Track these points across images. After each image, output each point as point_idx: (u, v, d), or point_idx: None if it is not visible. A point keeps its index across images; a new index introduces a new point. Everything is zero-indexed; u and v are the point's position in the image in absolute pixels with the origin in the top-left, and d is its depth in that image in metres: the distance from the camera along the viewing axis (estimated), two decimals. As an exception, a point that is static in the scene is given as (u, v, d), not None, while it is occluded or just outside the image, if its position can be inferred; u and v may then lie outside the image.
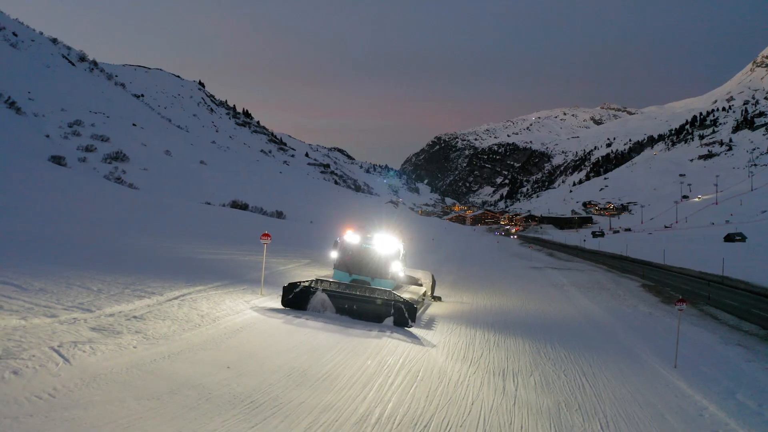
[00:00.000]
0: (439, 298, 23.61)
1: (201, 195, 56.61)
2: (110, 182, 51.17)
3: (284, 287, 16.86)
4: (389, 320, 15.92)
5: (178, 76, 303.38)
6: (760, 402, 12.73)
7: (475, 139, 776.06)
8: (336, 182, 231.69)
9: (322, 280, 17.27)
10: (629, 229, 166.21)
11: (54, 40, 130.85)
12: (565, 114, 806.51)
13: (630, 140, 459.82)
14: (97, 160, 61.93)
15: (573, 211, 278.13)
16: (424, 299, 21.27)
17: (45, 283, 13.95)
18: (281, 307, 16.78)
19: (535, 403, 10.96)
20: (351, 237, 19.56)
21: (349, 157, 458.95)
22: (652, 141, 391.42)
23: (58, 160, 51.42)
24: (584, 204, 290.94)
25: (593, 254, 77.77)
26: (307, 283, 16.92)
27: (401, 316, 15.72)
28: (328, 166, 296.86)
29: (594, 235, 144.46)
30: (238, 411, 8.50)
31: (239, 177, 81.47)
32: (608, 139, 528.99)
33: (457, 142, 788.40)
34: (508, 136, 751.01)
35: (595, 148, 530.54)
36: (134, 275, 17.12)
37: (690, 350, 17.44)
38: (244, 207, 56.08)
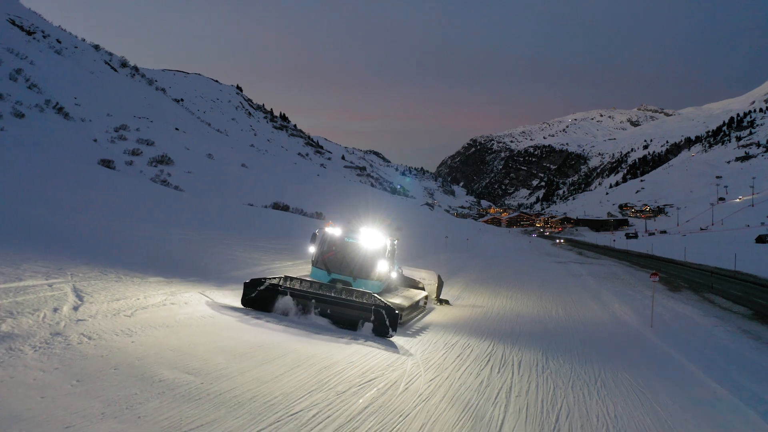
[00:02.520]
0: (446, 302, 21.13)
1: (243, 196, 57.96)
2: (157, 184, 52.61)
3: (245, 284, 14.44)
4: (368, 327, 13.45)
5: (217, 81, 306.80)
6: (705, 346, 17.48)
7: (511, 141, 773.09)
8: (372, 185, 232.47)
9: (291, 278, 14.79)
10: (665, 232, 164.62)
11: (96, 47, 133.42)
12: (601, 115, 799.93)
13: (667, 142, 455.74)
14: (143, 163, 63.51)
15: (609, 213, 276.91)
16: (425, 304, 19.05)
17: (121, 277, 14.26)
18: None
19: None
20: (332, 230, 16.78)
21: (384, 159, 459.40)
22: (689, 142, 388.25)
23: (107, 163, 52.92)
24: (620, 206, 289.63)
25: (620, 253, 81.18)
26: (275, 281, 14.51)
27: (381, 323, 13.21)
28: (364, 168, 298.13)
29: (627, 236, 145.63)
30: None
31: (279, 179, 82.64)
32: (645, 140, 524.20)
33: (493, 144, 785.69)
34: (544, 138, 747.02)
35: (631, 150, 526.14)
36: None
37: (672, 319, 22.26)
38: (285, 208, 57.09)
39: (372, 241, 16.39)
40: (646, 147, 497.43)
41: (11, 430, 5.74)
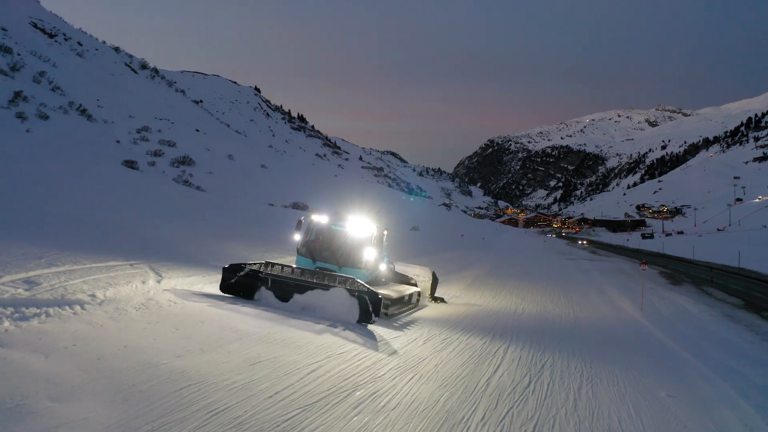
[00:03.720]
0: (441, 300, 20.11)
1: (264, 197, 59.43)
2: (179, 184, 54.15)
3: (224, 268, 14.01)
4: (352, 315, 12.87)
5: (235, 82, 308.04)
6: (687, 326, 19.87)
7: (529, 142, 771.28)
8: (389, 185, 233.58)
9: (273, 264, 14.31)
10: (682, 232, 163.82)
11: (116, 49, 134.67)
12: (619, 116, 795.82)
13: (685, 142, 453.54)
14: (165, 164, 64.58)
15: (626, 214, 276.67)
16: (418, 300, 18.34)
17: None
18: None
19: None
20: (319, 217, 16.37)
21: (402, 160, 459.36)
22: (707, 143, 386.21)
23: (130, 164, 54.24)
24: (638, 207, 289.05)
25: (632, 252, 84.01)
26: (256, 267, 14.04)
27: (364, 309, 12.77)
28: (381, 169, 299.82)
29: (643, 236, 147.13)
30: None
31: (298, 180, 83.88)
32: (663, 141, 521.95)
33: (510, 144, 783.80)
34: (562, 138, 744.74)
35: (649, 150, 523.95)
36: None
37: (664, 306, 24.63)
38: (305, 208, 58.36)
39: (359, 229, 16.03)
40: (664, 147, 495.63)
41: (138, 356, 7.99)
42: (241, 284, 13.78)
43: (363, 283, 13.45)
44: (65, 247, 14.13)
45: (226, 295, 13.76)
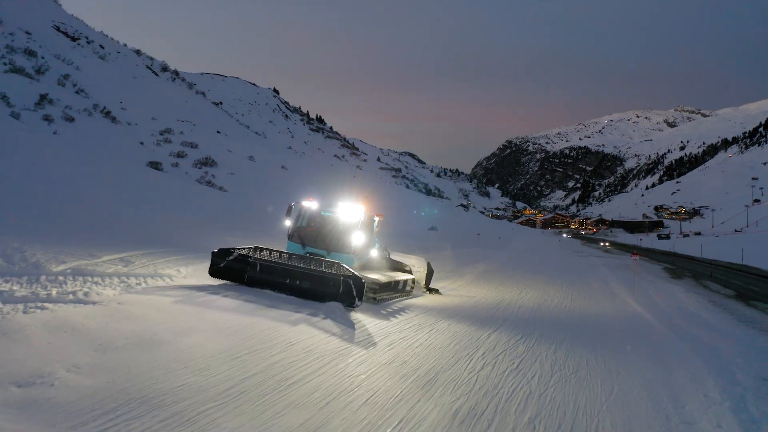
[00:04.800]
0: (436, 291, 19.99)
1: (286, 197, 60.23)
2: (203, 185, 55.13)
3: (213, 253, 14.04)
4: (339, 300, 12.98)
5: (254, 84, 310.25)
6: (670, 308, 22.08)
7: (547, 143, 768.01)
8: (407, 186, 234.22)
9: (261, 249, 14.52)
10: (699, 233, 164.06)
11: (137, 52, 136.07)
12: (637, 116, 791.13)
13: (704, 143, 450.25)
14: (188, 165, 65.47)
15: (644, 215, 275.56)
16: (412, 288, 18.88)
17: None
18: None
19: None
20: (309, 204, 16.70)
21: (419, 161, 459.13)
22: (726, 144, 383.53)
23: (155, 165, 55.30)
24: (656, 208, 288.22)
25: (645, 251, 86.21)
26: (244, 251, 14.17)
27: (348, 293, 12.81)
28: (399, 170, 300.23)
29: (659, 237, 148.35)
30: None
31: (318, 180, 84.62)
32: (682, 141, 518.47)
33: (529, 145, 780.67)
34: (580, 139, 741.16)
35: (668, 151, 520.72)
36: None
37: (656, 293, 26.87)
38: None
39: (348, 214, 16.18)
40: (682, 148, 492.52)
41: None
42: (230, 269, 13.91)
43: (348, 267, 13.59)
44: (136, 240, 16.86)
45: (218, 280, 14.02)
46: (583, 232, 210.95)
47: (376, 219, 18.04)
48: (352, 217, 16.05)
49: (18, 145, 27.29)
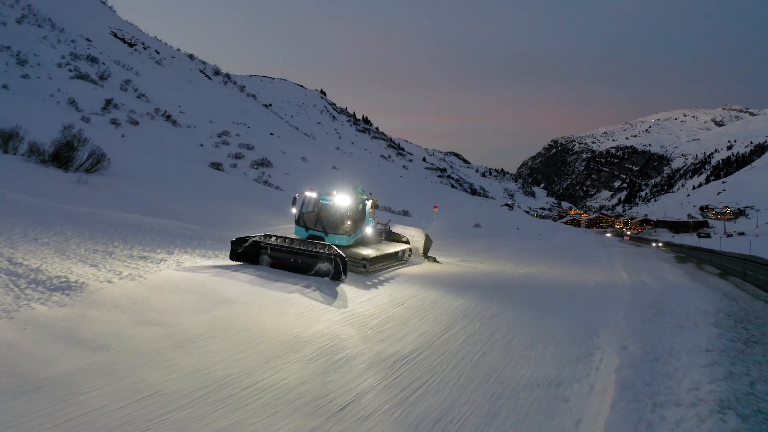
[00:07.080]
0: (434, 259, 23.61)
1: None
2: (260, 184, 57.16)
3: (232, 241, 16.33)
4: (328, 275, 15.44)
5: (301, 86, 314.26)
6: (648, 274, 26.63)
7: (593, 142, 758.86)
8: (453, 186, 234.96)
9: (270, 236, 16.91)
10: (743, 233, 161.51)
11: (191, 56, 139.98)
12: (684, 115, 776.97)
13: (751, 143, 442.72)
14: (245, 166, 68.24)
15: (689, 215, 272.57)
16: (409, 256, 22.09)
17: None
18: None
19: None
20: (311, 193, 19.04)
21: (464, 161, 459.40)
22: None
23: (216, 166, 57.73)
24: (701, 208, 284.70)
25: (673, 246, 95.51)
26: (257, 238, 16.54)
27: (336, 269, 15.19)
28: (444, 170, 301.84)
29: (699, 236, 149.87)
30: None
31: (366, 180, 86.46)
32: (729, 141, 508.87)
33: (574, 145, 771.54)
34: (627, 138, 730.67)
35: (715, 150, 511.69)
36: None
37: (648, 269, 30.18)
38: (375, 206, 60.96)
39: (342, 201, 18.65)
40: (729, 148, 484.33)
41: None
42: (246, 253, 16.31)
43: (335, 247, 16.01)
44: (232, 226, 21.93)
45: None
46: (628, 232, 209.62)
47: (368, 202, 20.71)
48: (344, 204, 18.66)
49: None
